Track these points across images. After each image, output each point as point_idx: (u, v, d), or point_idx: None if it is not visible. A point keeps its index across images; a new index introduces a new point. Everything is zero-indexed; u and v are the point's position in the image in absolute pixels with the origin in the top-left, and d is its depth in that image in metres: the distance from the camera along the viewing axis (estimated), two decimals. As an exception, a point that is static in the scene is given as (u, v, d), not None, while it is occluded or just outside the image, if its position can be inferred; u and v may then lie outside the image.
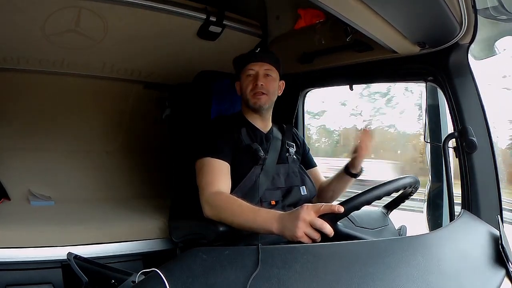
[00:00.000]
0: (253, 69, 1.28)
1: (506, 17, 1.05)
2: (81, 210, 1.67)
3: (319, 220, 0.83)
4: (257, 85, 1.26)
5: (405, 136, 3.30)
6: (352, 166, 1.30)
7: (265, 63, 1.29)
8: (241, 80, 1.32)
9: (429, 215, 1.50)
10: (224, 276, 0.58)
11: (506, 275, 0.87)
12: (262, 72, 1.28)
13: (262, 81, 1.26)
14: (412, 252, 0.77)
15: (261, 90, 1.26)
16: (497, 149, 1.18)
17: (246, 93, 1.28)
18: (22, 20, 1.38)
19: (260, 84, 1.26)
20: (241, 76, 1.31)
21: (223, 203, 1.08)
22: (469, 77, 1.19)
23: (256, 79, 1.27)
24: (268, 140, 1.31)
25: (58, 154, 1.95)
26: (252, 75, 1.28)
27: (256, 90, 1.26)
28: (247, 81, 1.28)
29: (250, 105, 1.29)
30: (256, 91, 1.26)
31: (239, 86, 1.33)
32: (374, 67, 1.43)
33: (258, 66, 1.28)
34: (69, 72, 1.77)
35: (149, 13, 1.47)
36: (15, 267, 1.27)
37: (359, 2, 0.91)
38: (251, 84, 1.27)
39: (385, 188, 0.92)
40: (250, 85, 1.28)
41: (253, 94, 1.27)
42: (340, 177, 1.34)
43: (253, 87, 1.27)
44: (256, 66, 1.28)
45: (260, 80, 1.26)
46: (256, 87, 1.26)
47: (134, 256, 1.50)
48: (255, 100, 1.27)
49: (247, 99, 1.29)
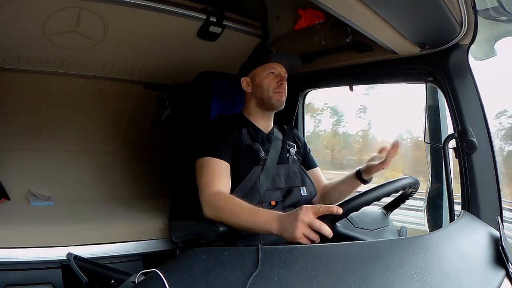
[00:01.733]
0: (276, 68, 1.30)
1: (506, 17, 1.05)
2: (81, 210, 1.67)
3: (317, 221, 0.83)
4: (282, 84, 1.29)
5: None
6: (366, 172, 1.27)
7: (283, 66, 1.32)
8: (258, 76, 1.31)
9: (429, 215, 1.50)
10: (224, 276, 0.58)
11: (506, 276, 0.86)
12: (282, 74, 1.31)
13: (284, 83, 1.30)
14: (412, 252, 0.77)
15: (283, 90, 1.29)
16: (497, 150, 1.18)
17: (269, 90, 1.28)
18: (22, 20, 1.38)
19: (284, 84, 1.29)
20: (258, 72, 1.31)
21: (223, 203, 1.08)
22: (469, 78, 1.19)
23: (280, 79, 1.29)
24: (269, 141, 1.31)
25: (58, 154, 1.95)
26: (275, 73, 1.30)
27: (279, 89, 1.28)
28: (270, 79, 1.29)
29: (271, 102, 1.29)
30: (280, 90, 1.28)
31: (247, 82, 1.33)
32: (374, 67, 1.43)
33: (279, 67, 1.31)
34: (69, 72, 1.76)
35: (149, 14, 1.47)
36: (15, 267, 1.27)
37: (359, 3, 0.91)
38: (275, 82, 1.28)
39: (385, 189, 0.92)
40: (273, 83, 1.29)
41: (275, 92, 1.28)
42: (350, 180, 1.32)
43: (277, 85, 1.28)
44: (278, 66, 1.31)
45: (283, 81, 1.29)
46: (281, 86, 1.28)
47: (134, 256, 1.50)
48: (278, 97, 1.28)
49: (269, 96, 1.29)
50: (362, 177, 1.29)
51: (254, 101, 1.33)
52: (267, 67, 1.30)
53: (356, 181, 1.30)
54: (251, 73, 1.33)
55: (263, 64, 1.31)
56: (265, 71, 1.30)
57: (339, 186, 1.36)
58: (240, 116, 1.35)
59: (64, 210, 1.64)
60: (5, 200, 1.67)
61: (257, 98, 1.31)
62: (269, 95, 1.28)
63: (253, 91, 1.32)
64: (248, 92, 1.33)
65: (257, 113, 1.33)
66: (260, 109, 1.32)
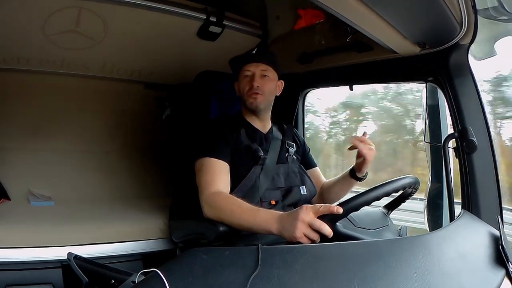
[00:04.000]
0: (250, 70, 1.29)
1: (506, 17, 1.05)
2: (81, 210, 1.67)
3: (317, 221, 0.83)
4: (252, 86, 1.27)
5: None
6: (358, 170, 1.28)
7: (261, 64, 1.29)
8: (239, 81, 1.33)
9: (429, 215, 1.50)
10: (224, 276, 0.58)
11: (506, 275, 0.86)
12: (258, 73, 1.29)
13: (258, 82, 1.27)
14: (412, 252, 0.77)
15: (256, 91, 1.27)
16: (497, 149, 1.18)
17: (243, 93, 1.30)
18: (22, 20, 1.38)
19: (256, 85, 1.27)
20: (239, 77, 1.33)
21: (223, 203, 1.08)
22: (469, 78, 1.19)
23: (252, 80, 1.27)
24: (267, 140, 1.31)
25: (58, 154, 1.94)
26: (248, 76, 1.29)
27: (252, 91, 1.27)
28: (244, 82, 1.30)
29: (247, 105, 1.30)
30: (252, 92, 1.27)
31: (237, 87, 1.34)
32: (374, 67, 1.43)
33: (254, 66, 1.29)
34: (69, 72, 1.76)
35: (149, 13, 1.47)
36: (15, 267, 1.27)
37: (359, 2, 0.91)
38: (248, 85, 1.28)
39: (385, 188, 0.92)
40: (246, 86, 1.29)
41: (249, 95, 1.28)
42: (345, 179, 1.33)
43: (249, 88, 1.28)
44: (252, 67, 1.29)
45: (256, 81, 1.27)
46: (252, 88, 1.27)
47: (134, 256, 1.50)
48: (251, 100, 1.28)
49: (244, 100, 1.30)
50: (356, 175, 1.29)
51: (242, 105, 1.35)
52: (243, 71, 1.31)
53: (351, 180, 1.31)
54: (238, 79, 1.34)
55: (240, 69, 1.32)
56: (242, 75, 1.31)
57: (335, 186, 1.37)
58: (239, 117, 1.35)
59: (64, 210, 1.64)
60: (5, 201, 1.67)
61: (242, 102, 1.34)
62: (244, 98, 1.30)
63: (240, 96, 1.34)
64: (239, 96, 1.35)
65: (250, 115, 1.33)
66: (248, 112, 1.33)
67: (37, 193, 1.78)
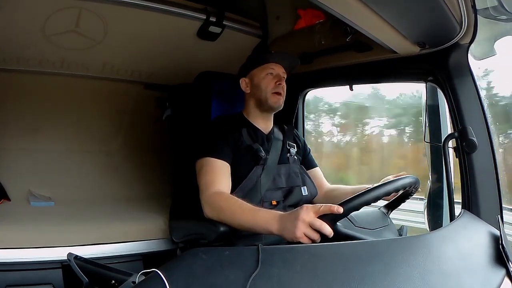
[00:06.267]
0: (274, 69, 1.30)
1: (506, 17, 1.05)
2: (81, 210, 1.67)
3: (318, 220, 0.83)
4: (280, 84, 1.28)
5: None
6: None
7: (282, 67, 1.31)
8: (256, 77, 1.31)
9: (429, 215, 1.50)
10: (224, 276, 0.58)
11: (506, 275, 0.86)
12: (282, 74, 1.30)
13: (283, 83, 1.29)
14: (412, 252, 0.77)
15: (281, 90, 1.28)
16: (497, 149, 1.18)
17: (266, 91, 1.28)
18: (22, 20, 1.38)
19: (283, 85, 1.29)
20: (256, 73, 1.31)
21: (223, 203, 1.08)
22: (469, 77, 1.19)
23: (280, 80, 1.28)
24: (269, 141, 1.31)
25: (58, 154, 1.94)
26: (273, 74, 1.29)
27: (278, 90, 1.27)
28: (268, 79, 1.29)
29: (268, 103, 1.29)
30: (278, 90, 1.27)
31: (246, 83, 1.33)
32: (374, 67, 1.43)
33: (278, 67, 1.30)
34: (69, 73, 1.76)
35: (149, 14, 1.47)
36: (15, 267, 1.27)
37: (359, 2, 0.91)
38: (273, 83, 1.28)
39: (385, 188, 0.92)
40: (271, 83, 1.28)
41: (273, 93, 1.28)
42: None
43: (275, 86, 1.28)
44: (277, 67, 1.30)
45: (282, 81, 1.29)
46: (279, 87, 1.28)
47: (134, 257, 1.50)
48: (275, 99, 1.28)
49: (266, 97, 1.28)
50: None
51: (252, 102, 1.32)
52: (266, 68, 1.30)
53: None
54: (249, 74, 1.32)
55: (261, 64, 1.30)
56: (264, 72, 1.30)
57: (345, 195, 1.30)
58: (240, 117, 1.35)
59: (64, 210, 1.64)
60: (5, 201, 1.67)
61: (255, 99, 1.31)
62: (267, 96, 1.28)
63: (251, 92, 1.32)
64: (247, 93, 1.33)
65: (256, 113, 1.33)
66: (258, 109, 1.32)
67: (37, 193, 1.78)
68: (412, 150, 2.79)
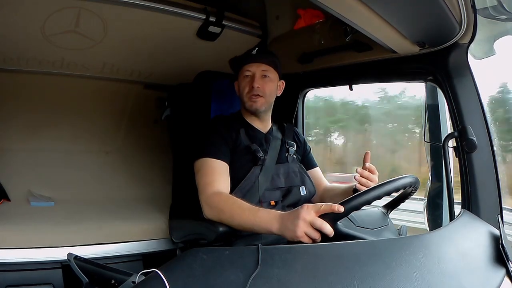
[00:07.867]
0: (250, 70, 1.27)
1: (505, 16, 1.05)
2: (81, 210, 1.67)
3: (319, 220, 0.83)
4: (253, 87, 1.25)
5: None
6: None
7: (262, 64, 1.27)
8: (238, 81, 1.31)
9: (429, 215, 1.50)
10: (224, 276, 0.58)
11: (506, 275, 0.86)
12: (259, 74, 1.26)
13: (258, 83, 1.25)
14: (412, 252, 0.77)
15: (257, 92, 1.25)
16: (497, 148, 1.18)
17: (243, 95, 1.28)
18: (22, 20, 1.38)
19: (256, 86, 1.25)
20: (239, 77, 1.31)
21: (223, 203, 1.07)
22: (468, 77, 1.19)
23: (253, 81, 1.25)
24: (267, 141, 1.31)
25: (58, 154, 1.94)
26: (249, 76, 1.27)
27: (252, 93, 1.25)
28: (244, 83, 1.27)
29: (246, 107, 1.29)
30: (252, 93, 1.25)
31: (237, 86, 1.33)
32: (373, 67, 1.43)
33: (255, 67, 1.27)
34: (69, 73, 1.76)
35: (149, 14, 1.47)
36: (15, 267, 1.27)
37: (359, 2, 0.91)
38: (248, 86, 1.26)
39: (385, 188, 0.92)
40: (246, 87, 1.26)
41: (249, 97, 1.26)
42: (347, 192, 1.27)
43: (249, 89, 1.26)
44: (252, 67, 1.27)
45: (256, 82, 1.25)
46: (253, 90, 1.25)
47: (134, 257, 1.50)
48: (251, 103, 1.26)
49: (244, 101, 1.29)
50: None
51: (242, 105, 1.33)
52: (243, 71, 1.28)
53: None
54: (237, 78, 1.33)
55: (240, 68, 1.30)
56: (241, 75, 1.29)
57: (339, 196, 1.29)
58: (238, 116, 1.34)
59: (64, 210, 1.64)
60: (5, 201, 1.67)
61: (241, 102, 1.32)
62: (244, 100, 1.28)
63: (239, 96, 1.32)
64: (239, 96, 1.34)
65: (250, 115, 1.32)
66: (248, 112, 1.31)
67: (37, 193, 1.78)
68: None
